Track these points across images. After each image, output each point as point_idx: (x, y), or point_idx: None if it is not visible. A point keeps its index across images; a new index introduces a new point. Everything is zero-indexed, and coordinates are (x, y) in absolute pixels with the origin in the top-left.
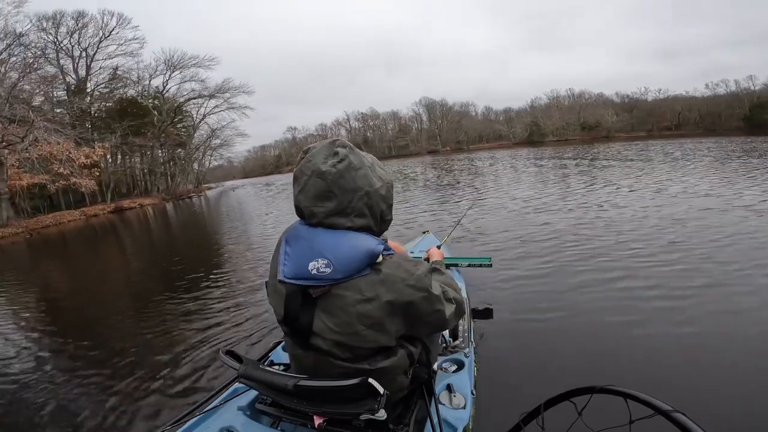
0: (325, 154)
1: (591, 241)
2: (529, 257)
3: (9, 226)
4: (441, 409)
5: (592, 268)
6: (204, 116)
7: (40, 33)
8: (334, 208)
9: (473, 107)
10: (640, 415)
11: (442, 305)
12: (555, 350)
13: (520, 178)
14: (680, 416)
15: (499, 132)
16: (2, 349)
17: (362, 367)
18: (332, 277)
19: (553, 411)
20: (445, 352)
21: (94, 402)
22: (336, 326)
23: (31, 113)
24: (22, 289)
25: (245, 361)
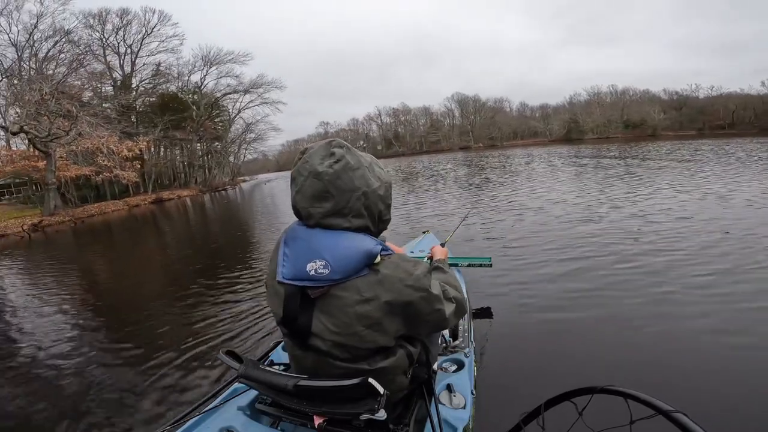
0: (321, 154)
1: (596, 243)
2: (530, 257)
3: (56, 214)
4: (441, 409)
5: (594, 270)
6: (239, 111)
7: (87, 30)
8: (331, 208)
9: (507, 103)
10: (641, 416)
11: (442, 304)
12: (555, 350)
13: (561, 178)
14: (681, 416)
15: (535, 129)
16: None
17: (361, 367)
18: (330, 278)
19: (553, 411)
20: (445, 352)
21: (93, 401)
22: (335, 327)
23: (74, 108)
24: (56, 274)
25: (245, 361)
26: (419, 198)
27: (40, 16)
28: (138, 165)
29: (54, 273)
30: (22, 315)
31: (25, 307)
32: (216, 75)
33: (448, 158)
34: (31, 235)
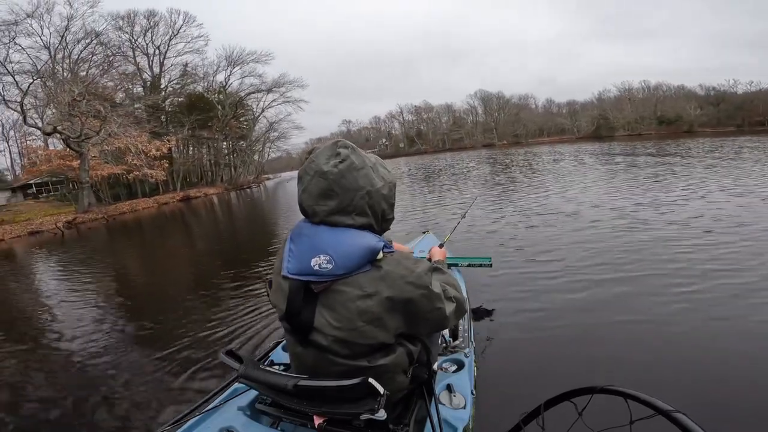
0: (327, 155)
1: (596, 242)
2: (530, 257)
3: (90, 212)
4: (441, 409)
5: (594, 270)
6: (263, 110)
7: (117, 32)
8: (335, 206)
9: (533, 99)
10: (641, 416)
11: (442, 303)
12: (555, 351)
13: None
14: (681, 416)
15: (562, 125)
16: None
17: (361, 364)
18: (334, 273)
19: (553, 411)
20: (445, 352)
21: (92, 400)
22: (336, 321)
23: (103, 109)
24: (84, 270)
25: (245, 361)
26: (438, 196)
27: (71, 18)
28: (166, 164)
29: (81, 269)
30: (47, 305)
31: (49, 296)
32: (239, 75)
33: (472, 156)
34: (64, 231)
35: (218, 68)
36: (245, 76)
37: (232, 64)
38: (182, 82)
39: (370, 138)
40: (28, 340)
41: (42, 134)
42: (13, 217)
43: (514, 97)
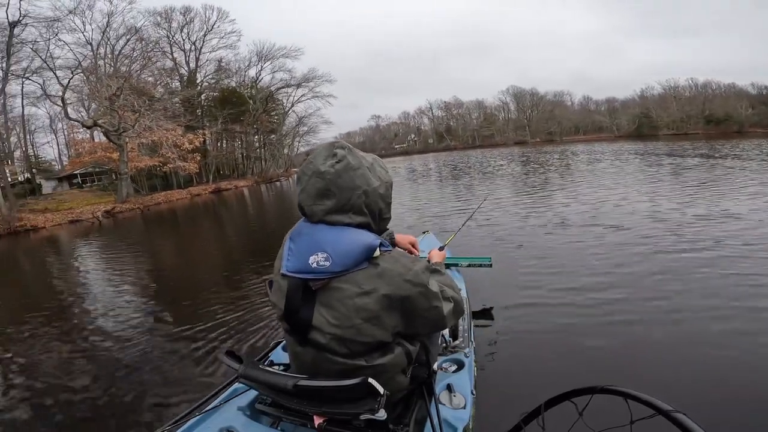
0: (324, 155)
1: (596, 242)
2: (530, 257)
3: (128, 202)
4: (441, 409)
5: (594, 270)
6: (293, 104)
7: (155, 28)
8: (333, 206)
9: (569, 96)
10: (641, 416)
11: (440, 302)
12: (555, 350)
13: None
14: (681, 416)
15: (600, 123)
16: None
17: (359, 363)
18: (331, 270)
19: (553, 411)
20: (445, 352)
21: (91, 400)
22: (334, 319)
23: (136, 103)
24: (113, 257)
25: (245, 361)
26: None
27: (111, 14)
28: (198, 156)
29: (112, 257)
30: (72, 288)
31: (75, 280)
32: (270, 70)
33: (503, 153)
34: (101, 221)
35: (250, 63)
36: (275, 71)
37: (262, 60)
38: (217, 77)
39: (399, 133)
40: (52, 321)
41: (82, 127)
42: (57, 205)
43: (548, 94)
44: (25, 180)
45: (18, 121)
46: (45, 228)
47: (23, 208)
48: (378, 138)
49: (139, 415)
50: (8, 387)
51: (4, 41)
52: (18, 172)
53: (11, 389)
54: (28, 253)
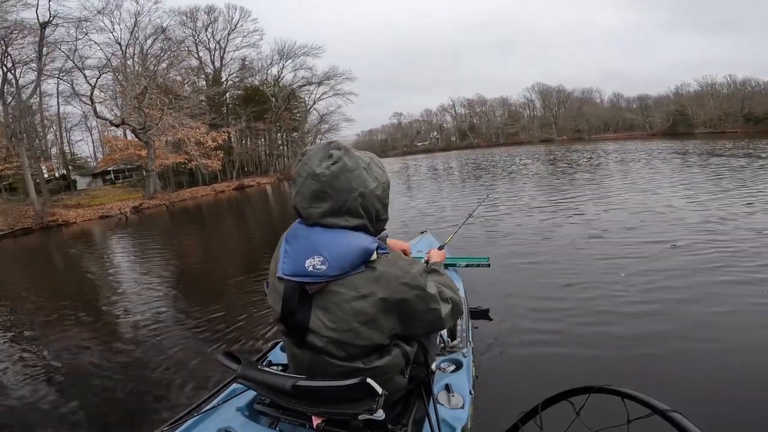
0: (320, 156)
1: (595, 242)
2: (528, 257)
3: (155, 198)
4: (439, 409)
5: (592, 270)
6: (314, 102)
7: (181, 27)
8: (329, 208)
9: (598, 93)
10: (638, 415)
11: (438, 304)
12: (553, 350)
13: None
14: (677, 416)
15: (631, 121)
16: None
17: (357, 366)
18: (328, 274)
19: (551, 411)
20: (444, 352)
21: (90, 400)
22: (331, 323)
23: (159, 101)
24: (133, 251)
25: (243, 362)
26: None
27: (138, 14)
28: (221, 154)
29: (133, 251)
30: (90, 279)
31: (96, 272)
32: (291, 68)
33: (528, 152)
34: (128, 216)
35: (272, 62)
36: (296, 69)
37: (284, 58)
38: (241, 75)
39: (421, 131)
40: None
41: (111, 125)
42: (89, 201)
43: (576, 91)
44: (60, 176)
45: (55, 119)
46: (76, 223)
47: (57, 203)
48: (400, 135)
49: (143, 411)
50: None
51: (36, 42)
52: (54, 169)
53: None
54: (56, 247)
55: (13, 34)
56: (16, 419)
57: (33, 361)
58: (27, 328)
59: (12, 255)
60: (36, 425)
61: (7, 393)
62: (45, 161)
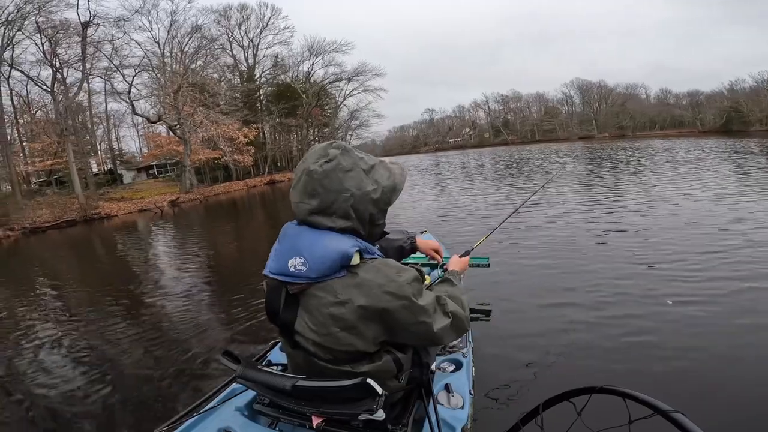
0: (318, 154)
1: (594, 242)
2: (528, 257)
3: (191, 192)
4: (439, 409)
5: (592, 270)
6: (344, 98)
7: (216, 25)
8: (317, 206)
9: (643, 89)
10: (640, 415)
11: (429, 317)
12: (553, 350)
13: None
14: (680, 416)
15: (680, 118)
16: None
17: (344, 369)
18: (308, 276)
19: (552, 411)
20: (443, 352)
21: (87, 399)
22: (313, 326)
23: (189, 98)
24: (164, 244)
25: (243, 362)
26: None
27: (174, 13)
28: (252, 150)
29: (165, 243)
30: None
31: (131, 267)
32: (321, 64)
33: (564, 149)
34: (162, 210)
35: (302, 58)
36: (326, 65)
37: (313, 54)
38: (274, 72)
39: (453, 127)
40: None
41: (149, 122)
42: (132, 194)
43: (618, 86)
44: (107, 171)
45: (104, 116)
46: (117, 216)
47: (103, 196)
48: (431, 132)
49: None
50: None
51: (79, 42)
52: (103, 163)
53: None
54: (94, 240)
55: (59, 34)
56: (21, 414)
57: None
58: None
59: (53, 245)
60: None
61: (14, 385)
62: (94, 156)
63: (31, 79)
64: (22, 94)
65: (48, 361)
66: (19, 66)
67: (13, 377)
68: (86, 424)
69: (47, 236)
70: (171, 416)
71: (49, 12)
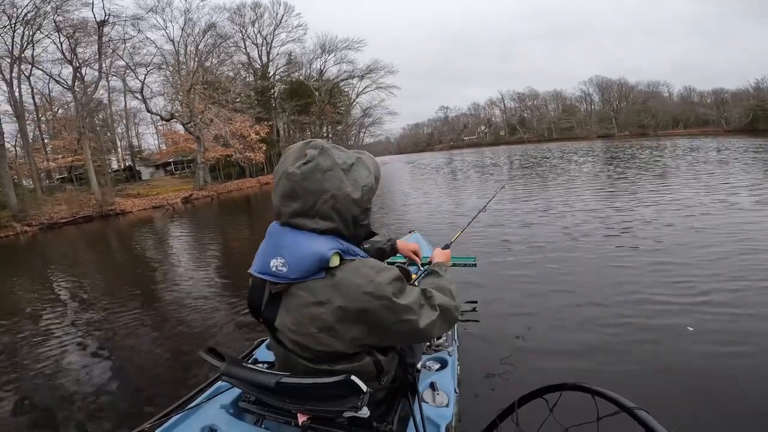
0: (296, 155)
1: (575, 242)
2: (513, 257)
3: (204, 189)
4: (424, 407)
5: (574, 270)
6: (357, 95)
7: (230, 24)
8: (298, 208)
9: (666, 87)
10: (607, 412)
11: (413, 315)
12: (537, 348)
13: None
14: (643, 413)
15: (704, 116)
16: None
17: (322, 368)
18: (288, 276)
19: (527, 408)
20: (429, 350)
21: (77, 396)
22: (292, 325)
23: (198, 97)
24: (171, 239)
25: (227, 359)
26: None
27: (187, 11)
28: (264, 147)
29: (171, 240)
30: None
31: (141, 261)
32: (333, 62)
33: (583, 148)
34: (174, 208)
35: (314, 56)
36: (338, 62)
37: (326, 52)
38: (288, 70)
39: (468, 125)
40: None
41: (161, 120)
42: (148, 190)
43: (640, 84)
44: (126, 167)
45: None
46: (131, 212)
47: (121, 192)
48: (446, 129)
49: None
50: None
51: (95, 40)
52: (122, 160)
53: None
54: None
55: (77, 33)
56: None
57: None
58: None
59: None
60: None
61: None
62: (114, 153)
63: (52, 78)
64: (44, 93)
65: (37, 352)
66: (41, 64)
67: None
68: (72, 417)
69: (63, 231)
70: (155, 413)
71: (66, 11)
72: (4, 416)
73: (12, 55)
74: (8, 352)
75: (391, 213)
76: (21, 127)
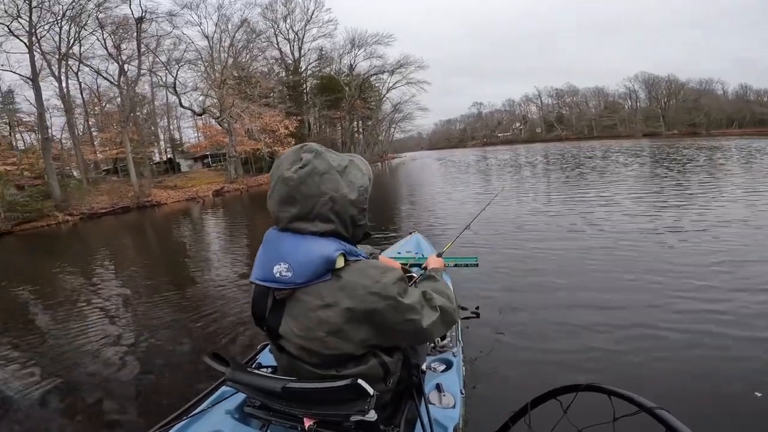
0: (291, 159)
1: (579, 241)
2: (517, 257)
3: (235, 182)
4: (431, 409)
5: (580, 269)
6: (387, 90)
7: (263, 19)
8: (297, 213)
9: (720, 84)
10: (625, 413)
11: (417, 315)
12: (542, 348)
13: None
14: (664, 413)
15: (761, 116)
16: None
17: (330, 373)
18: (294, 281)
19: (539, 409)
20: (434, 351)
21: (77, 397)
22: (299, 330)
23: (225, 92)
24: (196, 232)
25: (232, 364)
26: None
27: (221, 7)
28: (293, 141)
29: (201, 231)
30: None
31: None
32: (363, 57)
33: (627, 147)
34: (204, 200)
35: (344, 51)
36: (368, 57)
37: (355, 47)
38: (320, 65)
39: (503, 121)
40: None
41: (194, 114)
42: (185, 182)
43: (691, 81)
44: (167, 159)
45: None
46: (166, 204)
47: (159, 184)
48: (479, 126)
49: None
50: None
51: (134, 37)
52: (164, 152)
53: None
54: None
55: (119, 30)
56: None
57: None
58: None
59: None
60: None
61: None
62: (156, 145)
63: (99, 74)
64: (93, 88)
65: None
66: (89, 61)
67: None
68: (74, 422)
69: (101, 221)
70: (159, 419)
71: (107, 8)
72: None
73: (59, 51)
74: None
75: (394, 215)
76: (69, 120)
